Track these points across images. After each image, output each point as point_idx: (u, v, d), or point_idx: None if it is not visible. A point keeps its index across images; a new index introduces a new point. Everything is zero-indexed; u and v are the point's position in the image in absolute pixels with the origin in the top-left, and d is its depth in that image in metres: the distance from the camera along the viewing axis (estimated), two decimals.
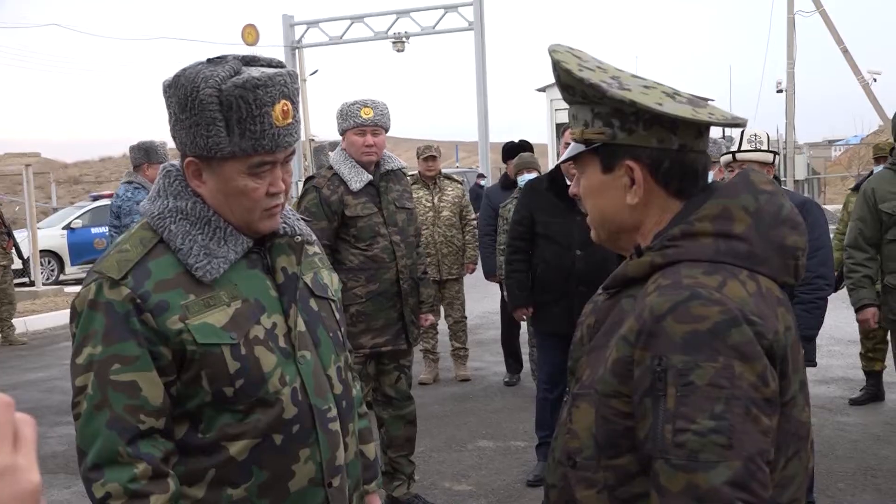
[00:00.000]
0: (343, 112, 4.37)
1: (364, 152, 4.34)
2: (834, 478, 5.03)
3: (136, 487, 1.61)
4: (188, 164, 1.74)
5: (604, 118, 1.44)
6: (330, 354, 1.87)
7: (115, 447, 1.62)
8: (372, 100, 4.40)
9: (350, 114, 4.34)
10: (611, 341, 1.40)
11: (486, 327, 10.30)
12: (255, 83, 1.64)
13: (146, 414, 1.65)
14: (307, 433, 1.77)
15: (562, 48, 1.50)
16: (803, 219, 4.74)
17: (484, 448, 5.82)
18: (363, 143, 4.33)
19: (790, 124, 25.57)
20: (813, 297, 4.15)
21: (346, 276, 4.36)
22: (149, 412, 1.65)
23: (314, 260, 1.95)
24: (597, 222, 1.54)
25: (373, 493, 2.12)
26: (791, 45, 24.55)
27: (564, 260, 4.62)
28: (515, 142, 7.67)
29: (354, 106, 4.35)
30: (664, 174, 1.44)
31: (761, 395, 1.28)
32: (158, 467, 1.64)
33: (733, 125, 1.47)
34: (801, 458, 1.40)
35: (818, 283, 4.15)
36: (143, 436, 1.64)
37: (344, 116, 4.36)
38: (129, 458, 1.62)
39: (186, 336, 1.67)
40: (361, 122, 4.31)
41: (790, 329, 1.38)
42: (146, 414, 1.65)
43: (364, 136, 4.33)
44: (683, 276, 1.34)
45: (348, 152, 4.38)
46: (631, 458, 1.36)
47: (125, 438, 1.63)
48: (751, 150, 4.21)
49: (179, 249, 1.71)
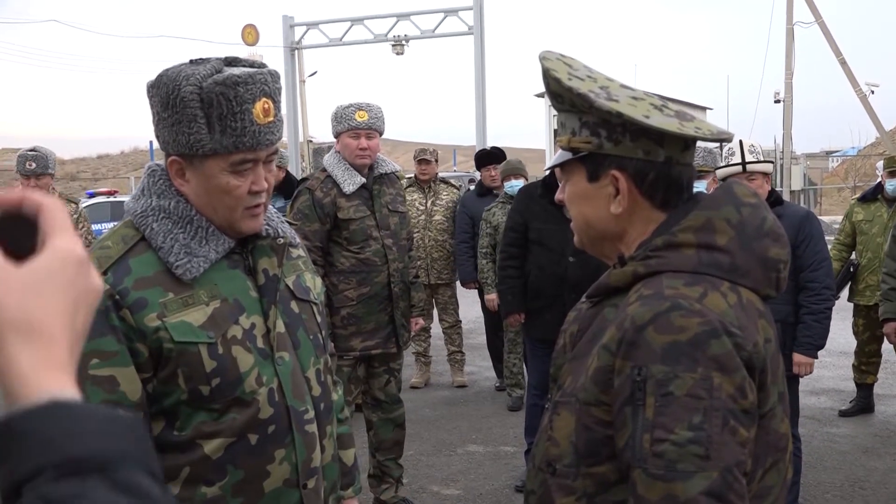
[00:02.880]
0: (338, 115, 4.39)
1: (358, 155, 4.35)
2: (822, 489, 5.04)
3: None
4: (171, 162, 1.75)
5: (591, 128, 1.44)
6: (309, 357, 1.87)
7: None
8: (367, 103, 4.41)
9: (344, 117, 4.35)
10: (593, 350, 1.41)
11: (478, 332, 10.28)
12: (236, 80, 1.66)
13: (123, 409, 1.64)
14: (283, 434, 1.78)
15: (552, 55, 1.51)
16: (808, 230, 4.73)
17: (473, 453, 5.82)
18: (357, 146, 4.34)
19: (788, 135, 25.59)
20: (822, 307, 4.28)
21: (338, 279, 4.37)
22: (126, 407, 1.65)
23: (297, 262, 1.95)
24: (580, 229, 1.54)
25: (350, 498, 2.13)
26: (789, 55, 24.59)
27: (557, 266, 4.62)
28: (488, 148, 7.65)
29: (349, 109, 4.36)
30: (649, 186, 1.44)
31: (740, 406, 1.28)
32: None
33: (719, 140, 1.47)
34: (779, 469, 1.41)
35: (826, 293, 4.29)
36: None
37: (338, 119, 4.38)
38: None
39: (163, 334, 1.67)
40: (356, 125, 4.32)
41: (770, 341, 1.39)
42: (123, 409, 1.64)
43: (358, 139, 4.34)
44: (665, 287, 1.35)
45: (342, 155, 4.39)
46: (610, 467, 1.36)
47: None
48: (758, 161, 4.25)
49: (160, 248, 1.72)
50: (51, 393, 0.66)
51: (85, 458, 0.62)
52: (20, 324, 0.67)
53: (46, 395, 0.65)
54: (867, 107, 24.24)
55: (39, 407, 0.64)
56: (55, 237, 0.71)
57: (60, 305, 0.69)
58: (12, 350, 0.67)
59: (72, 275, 0.71)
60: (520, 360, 6.76)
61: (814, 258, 4.25)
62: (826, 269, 4.29)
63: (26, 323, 0.67)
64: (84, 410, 0.65)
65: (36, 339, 0.67)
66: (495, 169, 7.08)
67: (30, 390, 0.66)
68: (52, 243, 0.71)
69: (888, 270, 5.41)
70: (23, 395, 0.66)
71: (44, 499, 0.60)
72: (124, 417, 0.67)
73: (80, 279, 0.71)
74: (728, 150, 4.34)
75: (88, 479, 0.61)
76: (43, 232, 0.72)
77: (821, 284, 4.25)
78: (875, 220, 6.37)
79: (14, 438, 0.63)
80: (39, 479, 0.61)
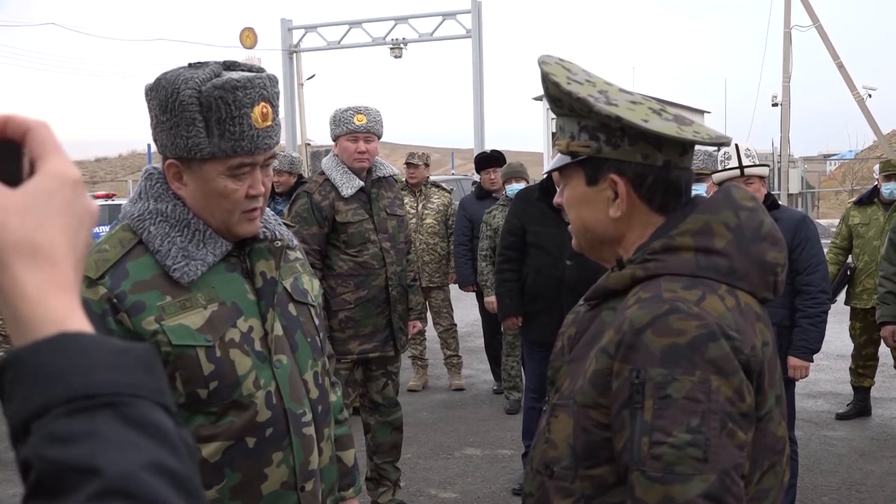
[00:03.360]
0: (336, 118, 4.39)
1: (356, 159, 4.36)
2: (819, 492, 5.04)
3: None
4: (169, 165, 1.75)
5: (590, 132, 1.45)
6: (307, 359, 1.87)
7: None
8: (365, 107, 4.42)
9: (343, 120, 4.35)
10: (591, 353, 1.41)
11: (476, 335, 10.28)
12: (235, 84, 1.66)
13: None
14: (281, 437, 1.78)
15: (551, 59, 1.51)
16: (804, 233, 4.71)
17: (471, 456, 5.82)
18: (355, 150, 4.35)
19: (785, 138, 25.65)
20: (818, 310, 4.28)
21: (336, 282, 4.37)
22: None
23: (295, 265, 1.95)
24: (579, 232, 1.55)
25: (350, 499, 2.13)
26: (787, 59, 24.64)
27: (555, 269, 4.62)
28: (488, 152, 7.64)
29: (347, 112, 4.37)
30: (648, 189, 1.45)
31: (737, 409, 1.29)
32: None
33: (718, 144, 1.47)
34: (776, 471, 1.41)
35: (821, 297, 4.29)
36: None
37: (337, 123, 4.38)
38: None
39: (161, 337, 1.67)
40: (354, 128, 4.32)
41: (768, 344, 1.39)
42: None
43: (357, 142, 4.34)
44: (663, 290, 1.35)
45: (340, 158, 4.40)
46: (608, 469, 1.37)
47: None
48: (755, 165, 4.27)
49: (158, 251, 1.72)
50: (59, 322, 0.64)
51: (95, 394, 0.60)
52: (24, 246, 0.65)
53: (53, 325, 0.63)
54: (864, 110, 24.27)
55: (47, 340, 0.62)
56: (48, 160, 0.69)
57: (62, 226, 0.67)
58: (18, 272, 0.65)
59: (69, 196, 0.69)
60: (518, 363, 6.76)
61: (810, 262, 4.25)
62: (822, 273, 4.30)
63: (30, 244, 0.65)
64: (94, 342, 0.63)
65: (41, 260, 0.65)
66: (495, 172, 7.08)
67: (38, 314, 0.64)
68: (46, 166, 0.69)
69: (885, 274, 5.43)
70: (31, 320, 0.64)
71: (53, 436, 0.58)
72: (136, 349, 0.65)
73: (78, 200, 0.69)
74: (724, 154, 4.36)
75: (99, 414, 0.59)
76: (33, 155, 0.70)
77: (816, 288, 4.26)
78: (871, 223, 6.38)
79: (22, 374, 0.61)
80: (48, 417, 0.59)
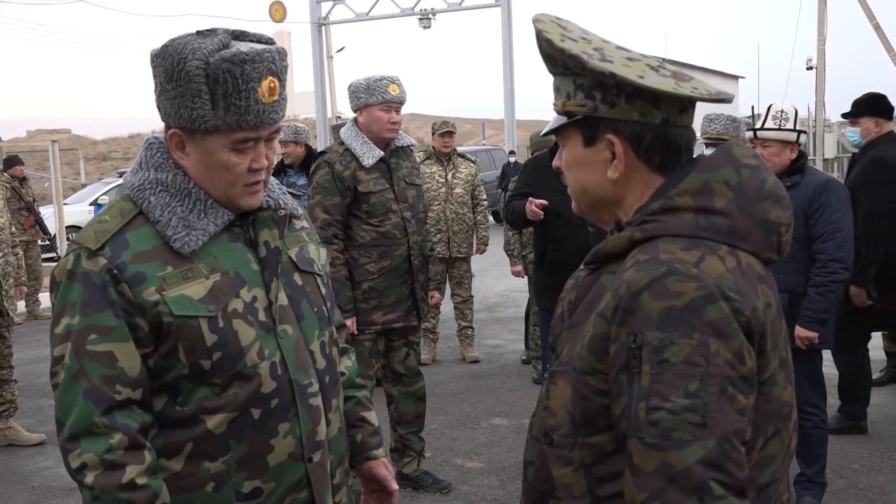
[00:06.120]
0: (369, 87, 4.31)
1: (389, 129, 4.34)
2: (849, 458, 4.98)
3: (112, 458, 1.61)
4: (171, 135, 1.73)
5: (586, 90, 1.41)
6: (313, 329, 1.85)
7: (91, 417, 1.62)
8: (396, 77, 4.38)
9: (378, 89, 4.29)
10: (589, 318, 1.38)
11: (506, 305, 10.28)
12: (244, 58, 1.63)
13: (122, 385, 1.65)
14: (287, 408, 1.76)
15: (546, 18, 1.47)
16: (823, 199, 4.50)
17: (497, 426, 5.82)
18: (389, 120, 4.32)
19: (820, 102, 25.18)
20: (827, 279, 4.05)
21: (358, 252, 4.36)
22: (125, 383, 1.65)
23: (301, 234, 1.94)
24: (577, 195, 1.51)
25: (380, 458, 2.07)
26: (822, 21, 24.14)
27: (577, 237, 4.55)
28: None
29: (382, 82, 4.31)
30: (646, 149, 1.41)
31: (738, 373, 1.25)
32: (135, 438, 1.64)
33: (718, 100, 1.42)
34: (781, 437, 1.37)
35: (833, 266, 4.04)
36: (119, 406, 1.64)
37: (370, 91, 4.30)
38: (105, 429, 1.62)
39: (163, 308, 1.66)
40: (390, 97, 4.29)
41: (771, 306, 1.35)
42: (122, 385, 1.65)
43: (390, 112, 4.32)
44: (661, 252, 1.32)
45: (368, 127, 4.35)
46: (607, 436, 1.34)
47: (101, 408, 1.63)
48: (774, 129, 4.14)
49: (158, 221, 1.71)
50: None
51: None
52: None
53: None
54: None
55: None
56: None
57: None
58: None
59: None
60: None
61: (826, 228, 4.03)
62: (839, 241, 4.04)
63: None
64: None
65: None
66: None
67: None
68: None
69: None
70: None
71: None
72: None
73: None
74: (759, 116, 4.25)
75: None
76: None
77: (829, 257, 4.03)
78: None
79: None
80: None
